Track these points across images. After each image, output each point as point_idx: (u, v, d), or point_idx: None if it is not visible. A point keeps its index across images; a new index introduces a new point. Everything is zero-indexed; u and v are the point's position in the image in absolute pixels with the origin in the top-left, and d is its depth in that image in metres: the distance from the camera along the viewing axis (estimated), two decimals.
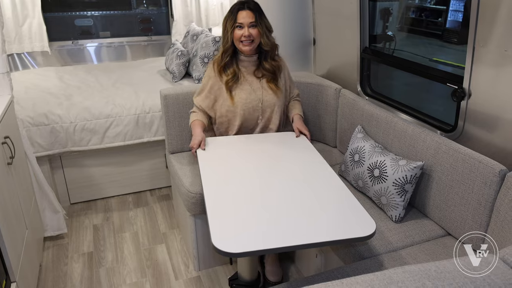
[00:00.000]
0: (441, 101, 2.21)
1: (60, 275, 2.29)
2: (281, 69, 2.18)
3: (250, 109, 2.11)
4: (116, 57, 4.43)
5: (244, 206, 1.53)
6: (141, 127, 2.88)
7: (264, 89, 2.12)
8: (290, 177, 1.74)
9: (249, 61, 2.13)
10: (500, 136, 1.68)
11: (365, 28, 2.43)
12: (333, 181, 1.69)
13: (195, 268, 2.31)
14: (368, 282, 0.85)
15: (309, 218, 1.46)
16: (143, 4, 4.51)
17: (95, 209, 2.92)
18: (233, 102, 2.09)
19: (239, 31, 2.02)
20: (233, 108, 2.10)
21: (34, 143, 2.63)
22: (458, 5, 2.56)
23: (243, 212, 1.49)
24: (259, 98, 2.11)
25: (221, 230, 1.37)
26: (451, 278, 0.85)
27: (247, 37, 2.01)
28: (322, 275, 1.53)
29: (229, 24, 2.03)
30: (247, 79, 2.13)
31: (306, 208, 1.52)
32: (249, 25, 2.01)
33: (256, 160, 1.90)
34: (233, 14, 2.02)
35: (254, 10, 2.02)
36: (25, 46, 3.85)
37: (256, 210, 1.51)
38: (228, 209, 1.51)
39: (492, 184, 1.53)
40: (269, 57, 2.12)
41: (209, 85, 2.14)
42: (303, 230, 1.39)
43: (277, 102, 2.14)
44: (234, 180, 1.71)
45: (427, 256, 1.63)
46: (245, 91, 2.10)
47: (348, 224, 1.44)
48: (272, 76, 2.13)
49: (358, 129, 2.16)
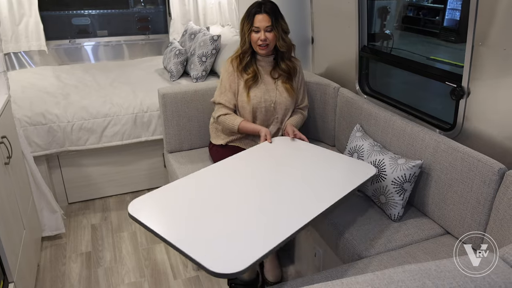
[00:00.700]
0: (440, 100, 2.21)
1: (58, 275, 2.28)
2: (296, 71, 2.21)
3: (263, 108, 2.15)
4: (114, 56, 4.41)
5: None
6: (139, 126, 2.87)
7: (278, 91, 2.16)
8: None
9: (265, 62, 2.17)
10: (499, 134, 1.68)
11: (363, 26, 2.42)
12: None
13: (193, 268, 2.31)
14: (368, 282, 0.85)
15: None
16: (141, 3, 4.49)
17: (93, 208, 2.91)
18: (248, 99, 2.12)
19: (255, 34, 2.06)
20: (246, 105, 2.14)
21: (32, 143, 2.62)
22: (456, 4, 2.56)
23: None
24: (272, 100, 2.14)
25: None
26: (451, 277, 0.85)
27: (263, 40, 2.04)
28: (321, 275, 1.52)
29: (246, 26, 2.06)
30: (264, 79, 2.17)
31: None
32: (266, 29, 2.03)
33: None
34: (250, 17, 2.05)
35: (270, 14, 2.04)
36: (22, 45, 3.83)
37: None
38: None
39: (491, 183, 1.53)
40: (285, 58, 2.15)
41: (229, 82, 2.16)
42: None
43: (290, 104, 2.19)
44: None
45: (426, 255, 1.63)
46: (260, 91, 2.14)
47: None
48: (288, 76, 2.17)
49: (357, 128, 2.16)
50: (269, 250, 1.24)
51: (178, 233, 1.34)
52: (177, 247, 1.24)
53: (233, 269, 1.16)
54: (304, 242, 2.19)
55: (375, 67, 2.53)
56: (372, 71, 2.53)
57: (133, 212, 1.41)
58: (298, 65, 2.24)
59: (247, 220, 1.42)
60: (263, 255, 1.23)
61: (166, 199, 1.54)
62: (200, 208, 1.49)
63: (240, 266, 1.17)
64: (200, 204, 1.51)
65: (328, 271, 1.55)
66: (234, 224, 1.39)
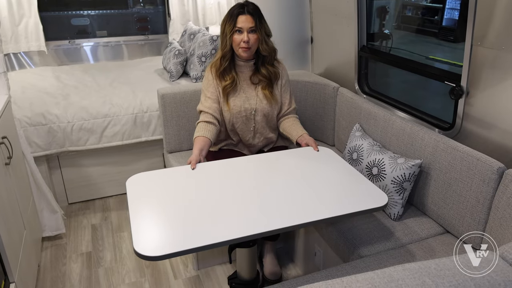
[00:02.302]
0: (439, 99, 2.21)
1: (58, 275, 2.29)
2: (279, 76, 2.10)
3: (243, 117, 2.06)
4: (113, 56, 4.42)
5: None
6: (138, 127, 2.88)
7: (259, 98, 2.06)
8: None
9: (245, 67, 2.07)
10: (498, 133, 1.68)
11: (362, 26, 2.43)
12: None
13: (194, 267, 2.31)
14: (369, 280, 0.85)
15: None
16: (140, 3, 4.50)
17: (93, 208, 2.91)
18: (229, 108, 2.03)
19: (238, 36, 1.95)
20: (226, 114, 2.05)
21: (32, 143, 2.62)
22: (455, 3, 2.56)
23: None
24: (252, 107, 2.06)
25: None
26: (451, 276, 0.86)
27: (246, 42, 1.93)
28: (322, 273, 1.53)
29: (228, 28, 1.95)
30: (243, 86, 2.07)
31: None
32: (249, 30, 1.93)
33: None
34: (233, 18, 1.94)
35: (254, 15, 1.94)
36: (22, 45, 3.83)
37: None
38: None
39: (490, 182, 1.53)
40: (267, 62, 2.05)
41: (209, 89, 2.05)
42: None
43: (270, 110, 2.08)
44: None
45: (426, 254, 1.64)
46: (239, 99, 2.05)
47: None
48: (268, 82, 2.06)
49: (356, 127, 2.16)
50: (205, 244, 1.26)
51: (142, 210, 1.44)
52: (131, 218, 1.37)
53: (152, 253, 1.23)
54: (304, 241, 2.20)
55: (374, 66, 2.54)
56: (371, 71, 2.53)
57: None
58: (281, 69, 2.11)
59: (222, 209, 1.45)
60: (191, 248, 1.25)
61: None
62: (184, 194, 1.56)
63: (161, 252, 1.23)
64: (187, 191, 1.58)
65: (328, 270, 1.55)
66: (207, 211, 1.43)
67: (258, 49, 2.00)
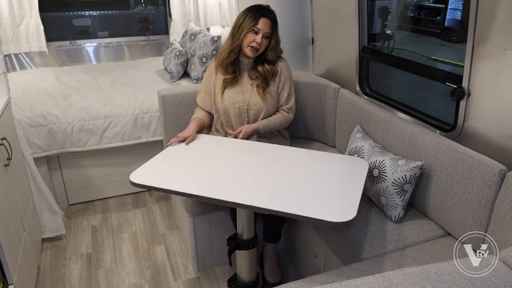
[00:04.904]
0: (441, 100, 2.20)
1: (58, 276, 2.28)
2: (276, 74, 2.12)
3: (236, 109, 2.10)
4: (114, 57, 4.42)
5: None
6: (139, 128, 2.87)
7: (254, 93, 2.10)
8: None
9: (246, 62, 2.12)
10: (500, 135, 1.67)
11: (363, 27, 2.42)
12: None
13: (194, 269, 2.30)
14: (368, 285, 0.84)
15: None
16: (141, 4, 4.50)
17: (94, 210, 2.91)
18: (222, 99, 2.10)
19: (253, 35, 1.99)
20: (220, 105, 2.11)
21: (32, 144, 2.62)
22: (457, 4, 2.55)
23: None
24: (245, 101, 2.09)
25: None
26: (451, 280, 0.85)
27: (258, 44, 1.99)
28: (321, 276, 1.52)
29: (248, 24, 1.98)
30: (242, 79, 2.13)
31: None
32: (265, 34, 2.00)
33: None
34: (256, 17, 1.98)
35: (273, 22, 2.03)
36: (23, 46, 3.83)
37: None
38: None
39: (492, 184, 1.52)
40: (266, 61, 2.10)
41: (206, 83, 2.16)
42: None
43: (264, 106, 2.10)
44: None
45: (426, 257, 1.63)
46: (234, 92, 2.10)
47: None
48: (263, 80, 2.10)
49: (357, 128, 2.15)
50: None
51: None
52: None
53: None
54: (304, 243, 2.19)
55: (375, 67, 2.53)
56: (372, 72, 2.52)
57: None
58: (281, 66, 2.13)
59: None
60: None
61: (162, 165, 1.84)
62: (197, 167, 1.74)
63: None
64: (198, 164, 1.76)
65: (328, 273, 1.54)
66: None
67: (264, 52, 2.08)
